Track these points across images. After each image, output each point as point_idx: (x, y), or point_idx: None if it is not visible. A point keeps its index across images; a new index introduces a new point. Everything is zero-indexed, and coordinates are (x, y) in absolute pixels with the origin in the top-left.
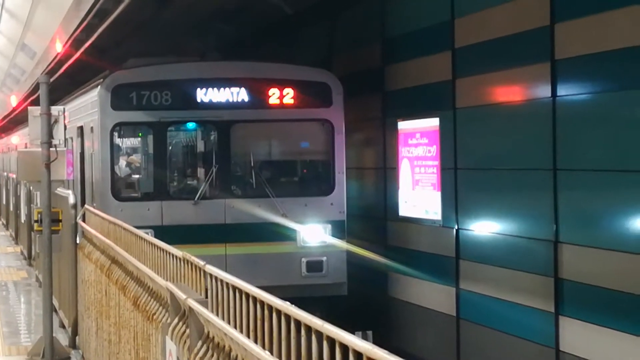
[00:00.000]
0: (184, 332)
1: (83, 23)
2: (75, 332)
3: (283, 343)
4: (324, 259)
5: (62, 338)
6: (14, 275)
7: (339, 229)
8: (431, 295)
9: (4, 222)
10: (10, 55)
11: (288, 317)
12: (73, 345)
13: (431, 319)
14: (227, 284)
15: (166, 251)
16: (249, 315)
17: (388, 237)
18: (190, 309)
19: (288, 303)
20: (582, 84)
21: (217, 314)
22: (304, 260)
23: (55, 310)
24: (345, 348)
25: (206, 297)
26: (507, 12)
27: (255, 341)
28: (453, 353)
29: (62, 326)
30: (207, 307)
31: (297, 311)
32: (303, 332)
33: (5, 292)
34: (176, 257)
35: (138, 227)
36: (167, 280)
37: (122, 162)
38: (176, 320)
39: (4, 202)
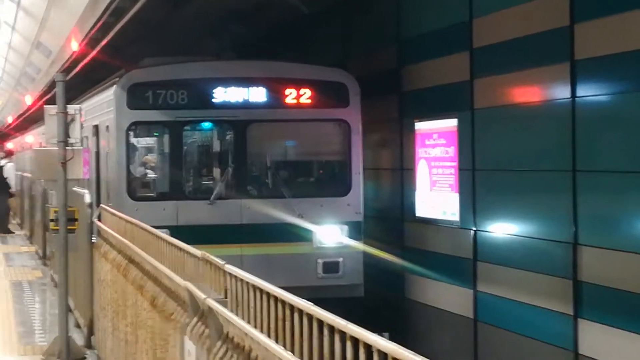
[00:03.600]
0: (203, 332)
1: (99, 22)
2: (90, 332)
3: (305, 343)
4: (340, 260)
5: (78, 338)
6: (28, 274)
7: (356, 230)
8: (448, 297)
9: (19, 221)
10: (25, 53)
11: (310, 317)
12: (89, 345)
13: (448, 321)
14: (248, 283)
15: (185, 251)
16: (270, 315)
17: (405, 238)
18: (210, 308)
19: (310, 303)
20: (602, 85)
21: (237, 314)
22: (320, 261)
23: (71, 310)
24: (368, 348)
25: (225, 297)
26: (526, 12)
27: (276, 341)
28: (470, 356)
29: (78, 326)
30: (226, 307)
31: (320, 311)
32: (326, 332)
33: (20, 291)
34: (195, 256)
35: (153, 227)
36: (185, 280)
37: (138, 161)
38: (195, 320)
39: (19, 201)
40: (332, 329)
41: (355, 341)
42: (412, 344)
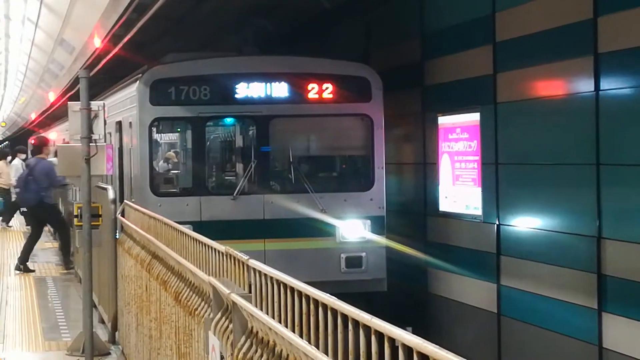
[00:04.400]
0: (227, 327)
1: (122, 18)
2: (115, 328)
3: (329, 337)
4: (364, 254)
5: (102, 333)
6: (52, 270)
7: (379, 225)
8: (472, 291)
9: None
10: (49, 50)
11: (335, 312)
12: (113, 340)
13: (471, 315)
14: (272, 278)
15: (208, 246)
16: (294, 310)
17: (428, 232)
18: (234, 303)
19: (334, 297)
20: (626, 78)
21: (261, 309)
22: (343, 256)
23: (95, 306)
24: (393, 343)
25: (249, 292)
26: (549, 5)
27: (301, 336)
28: (494, 350)
29: (102, 321)
30: (250, 302)
31: (345, 305)
32: (350, 326)
33: (44, 287)
34: (219, 251)
35: (176, 223)
36: (209, 275)
37: (161, 157)
38: (219, 315)
39: None
40: (356, 323)
41: (380, 336)
42: (435, 339)
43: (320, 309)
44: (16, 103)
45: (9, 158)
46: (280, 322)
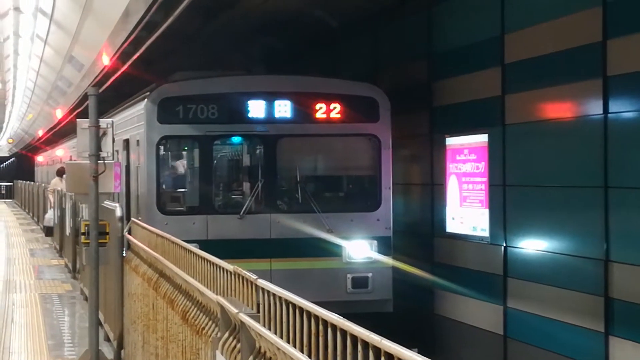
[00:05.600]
0: (235, 346)
1: (131, 36)
2: (120, 346)
3: (338, 358)
4: (370, 275)
5: (107, 351)
6: (58, 288)
7: (385, 245)
8: (478, 313)
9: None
10: (57, 67)
11: (344, 332)
12: (118, 358)
13: (478, 337)
14: (280, 298)
15: (216, 265)
16: (303, 330)
17: (435, 253)
18: (242, 323)
19: (344, 318)
20: (635, 101)
21: (270, 329)
22: (349, 276)
23: (100, 324)
24: None
25: (258, 311)
26: (558, 28)
27: (309, 356)
28: None
29: (107, 339)
30: (259, 322)
31: (354, 326)
32: (360, 347)
33: (49, 304)
34: (227, 271)
35: (183, 241)
36: (217, 294)
37: (168, 175)
38: (227, 334)
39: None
40: (366, 344)
41: (390, 357)
42: None
43: (329, 329)
44: (24, 120)
45: (65, 176)
46: (288, 342)
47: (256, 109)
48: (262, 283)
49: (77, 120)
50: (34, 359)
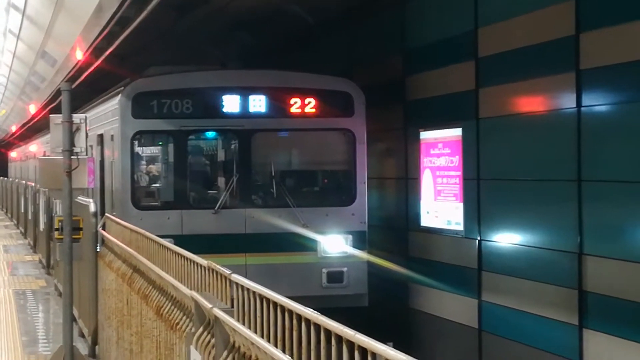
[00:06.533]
0: (209, 341)
1: (104, 31)
2: (95, 342)
3: (312, 353)
4: (345, 269)
5: (82, 347)
6: (32, 283)
7: (360, 240)
8: (453, 306)
9: (22, 230)
10: (30, 62)
11: (318, 327)
12: (93, 354)
13: (453, 330)
14: (254, 293)
15: (191, 260)
16: (277, 324)
17: (409, 248)
18: (216, 318)
19: (317, 313)
20: (607, 94)
21: (244, 324)
22: (324, 270)
23: (75, 319)
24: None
25: (232, 306)
26: (531, 22)
27: (284, 351)
28: None
29: (82, 335)
30: (233, 317)
31: (328, 321)
32: (334, 342)
33: (23, 300)
34: (201, 266)
35: (158, 236)
36: (191, 289)
37: (142, 170)
38: (201, 329)
39: (22, 210)
40: (339, 338)
41: (364, 351)
42: (416, 354)
43: (303, 324)
44: None
45: None
46: (262, 337)
47: (231, 103)
48: (236, 278)
49: (51, 115)
50: (8, 356)
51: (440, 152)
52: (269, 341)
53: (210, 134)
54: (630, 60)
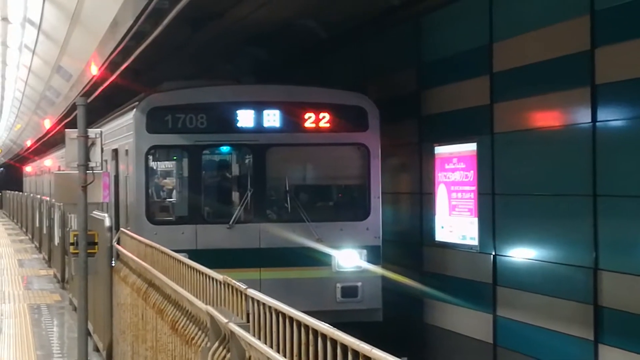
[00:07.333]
0: (225, 356)
1: (120, 46)
2: (110, 356)
3: None
4: (359, 284)
5: None
6: (47, 298)
7: (375, 254)
8: (467, 322)
9: (37, 244)
10: (45, 77)
11: (334, 342)
12: None
13: (467, 346)
14: (270, 307)
15: (206, 275)
16: (293, 339)
17: (424, 262)
18: (232, 332)
19: (334, 328)
20: (623, 109)
21: (259, 339)
22: (338, 285)
23: (89, 334)
24: None
25: (247, 321)
26: (547, 37)
27: None
28: None
29: (96, 350)
30: (248, 331)
31: (345, 336)
32: (350, 357)
33: (38, 315)
34: (216, 280)
35: (172, 251)
36: (206, 304)
37: (157, 185)
38: (217, 344)
39: (37, 224)
40: (356, 354)
41: None
42: None
43: (319, 339)
44: (12, 130)
45: None
46: (278, 352)
47: (245, 118)
48: (252, 293)
49: (66, 130)
50: None
51: (455, 167)
52: (285, 356)
53: (225, 149)
54: None
